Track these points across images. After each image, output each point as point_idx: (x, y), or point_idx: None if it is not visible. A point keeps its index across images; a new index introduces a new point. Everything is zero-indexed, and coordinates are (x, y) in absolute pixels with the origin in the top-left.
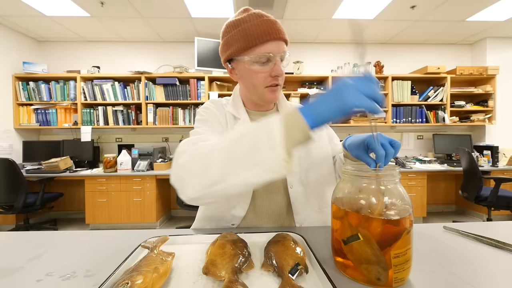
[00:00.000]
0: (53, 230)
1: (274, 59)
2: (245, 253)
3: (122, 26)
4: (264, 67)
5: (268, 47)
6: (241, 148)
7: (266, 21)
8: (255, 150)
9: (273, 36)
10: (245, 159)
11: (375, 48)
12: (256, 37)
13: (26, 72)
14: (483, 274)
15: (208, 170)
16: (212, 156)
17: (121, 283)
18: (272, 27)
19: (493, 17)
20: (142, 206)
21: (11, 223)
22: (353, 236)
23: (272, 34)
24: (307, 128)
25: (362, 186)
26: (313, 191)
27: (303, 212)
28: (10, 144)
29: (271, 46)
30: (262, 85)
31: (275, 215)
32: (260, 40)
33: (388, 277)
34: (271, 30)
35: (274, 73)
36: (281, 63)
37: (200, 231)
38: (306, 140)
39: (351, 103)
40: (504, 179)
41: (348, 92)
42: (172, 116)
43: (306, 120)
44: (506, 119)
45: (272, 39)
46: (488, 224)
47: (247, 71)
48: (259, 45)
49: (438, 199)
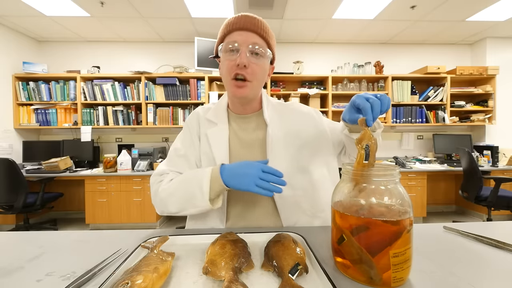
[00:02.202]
0: (53, 230)
1: (239, 48)
2: (245, 253)
3: (122, 26)
4: (230, 55)
5: (236, 36)
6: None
7: (242, 16)
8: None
9: (240, 26)
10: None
11: (375, 48)
12: (226, 26)
13: (26, 72)
14: (483, 274)
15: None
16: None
17: (121, 283)
18: (244, 19)
19: (493, 17)
20: (142, 206)
21: (11, 223)
22: (341, 237)
23: (239, 23)
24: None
25: (362, 186)
26: (304, 195)
27: (293, 216)
28: (10, 144)
29: (237, 35)
30: (228, 75)
31: (264, 221)
32: (227, 29)
33: (378, 275)
34: (240, 21)
35: (238, 61)
36: (250, 55)
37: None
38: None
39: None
40: (504, 179)
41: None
42: (172, 116)
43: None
44: (506, 119)
45: (238, 28)
46: (488, 224)
47: (222, 62)
48: (228, 33)
49: (438, 199)
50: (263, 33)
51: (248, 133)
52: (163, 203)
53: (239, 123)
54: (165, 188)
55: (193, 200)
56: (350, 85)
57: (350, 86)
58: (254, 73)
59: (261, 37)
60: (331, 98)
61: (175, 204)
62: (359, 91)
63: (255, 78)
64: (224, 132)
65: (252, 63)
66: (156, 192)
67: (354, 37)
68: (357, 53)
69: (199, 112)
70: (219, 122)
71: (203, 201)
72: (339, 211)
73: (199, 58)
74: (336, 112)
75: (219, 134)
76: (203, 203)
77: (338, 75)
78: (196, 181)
